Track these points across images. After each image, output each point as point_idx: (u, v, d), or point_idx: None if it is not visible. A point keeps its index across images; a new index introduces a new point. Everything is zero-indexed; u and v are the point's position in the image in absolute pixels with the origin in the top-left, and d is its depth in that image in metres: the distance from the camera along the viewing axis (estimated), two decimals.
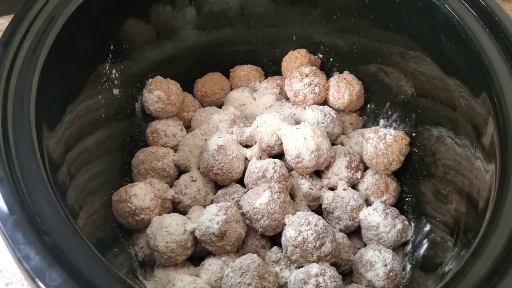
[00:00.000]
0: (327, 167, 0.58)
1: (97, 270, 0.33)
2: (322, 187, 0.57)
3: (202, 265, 0.51)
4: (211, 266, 0.50)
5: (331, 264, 0.49)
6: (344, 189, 0.57)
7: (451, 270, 0.39)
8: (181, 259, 0.50)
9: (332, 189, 0.58)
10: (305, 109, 0.62)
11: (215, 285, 0.49)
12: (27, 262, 0.32)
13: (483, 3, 0.48)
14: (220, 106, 0.66)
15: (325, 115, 0.59)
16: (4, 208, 0.34)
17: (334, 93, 0.62)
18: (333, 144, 0.59)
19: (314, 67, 0.63)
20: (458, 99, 0.48)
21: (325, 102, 0.64)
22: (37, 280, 0.31)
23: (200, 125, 0.62)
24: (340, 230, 0.55)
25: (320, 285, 0.45)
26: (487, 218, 0.38)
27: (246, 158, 0.57)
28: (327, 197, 0.56)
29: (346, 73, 0.64)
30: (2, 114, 0.39)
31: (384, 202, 0.56)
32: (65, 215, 0.35)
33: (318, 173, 0.59)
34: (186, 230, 0.50)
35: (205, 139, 0.59)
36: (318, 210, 0.57)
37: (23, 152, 0.38)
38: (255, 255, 0.48)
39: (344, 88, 0.61)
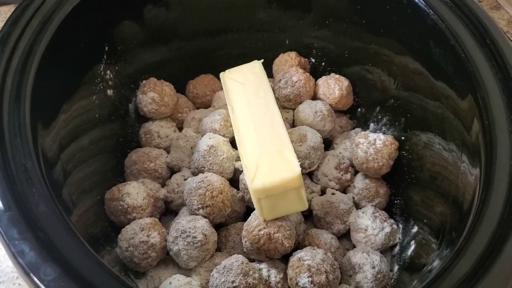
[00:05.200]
0: (317, 168, 0.59)
1: (91, 266, 0.34)
2: (313, 191, 0.58)
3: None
4: (202, 268, 0.50)
5: None
6: (333, 194, 0.58)
7: (436, 268, 0.40)
8: None
9: (322, 192, 0.59)
10: (293, 109, 0.63)
11: (206, 287, 0.49)
12: (21, 258, 0.33)
13: (471, 11, 0.50)
14: None
15: (315, 113, 0.60)
16: None
17: (325, 90, 0.63)
18: (325, 139, 0.60)
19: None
20: (445, 104, 0.50)
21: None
22: (31, 275, 0.32)
23: (192, 126, 0.63)
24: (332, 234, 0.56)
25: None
26: (471, 219, 0.39)
27: (237, 158, 0.57)
28: (317, 202, 0.57)
29: (332, 74, 0.65)
30: None
31: (374, 206, 0.57)
32: (60, 212, 0.36)
33: (308, 174, 0.60)
34: None
35: (196, 140, 0.60)
36: (305, 214, 0.58)
37: (19, 150, 0.38)
38: (240, 255, 0.48)
39: (334, 84, 0.63)
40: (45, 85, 0.44)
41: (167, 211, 0.58)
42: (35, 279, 0.32)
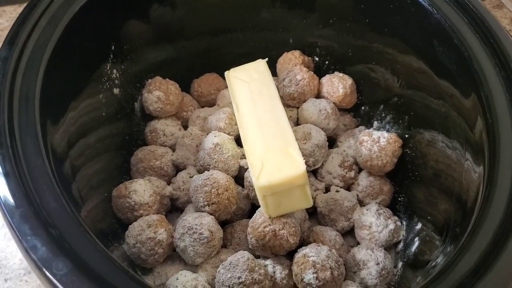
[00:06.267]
0: (321, 166, 0.59)
1: (102, 261, 0.34)
2: (317, 189, 0.59)
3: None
4: (208, 265, 0.51)
5: None
6: (337, 191, 0.58)
7: (439, 264, 0.40)
8: None
9: (327, 189, 0.60)
10: (297, 108, 0.64)
11: (212, 283, 0.50)
12: (34, 253, 0.33)
13: (474, 9, 0.50)
14: None
15: (320, 111, 0.61)
16: (11, 201, 0.35)
17: (329, 89, 0.64)
18: (329, 137, 0.61)
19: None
20: (449, 102, 0.50)
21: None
22: (44, 269, 0.32)
23: (197, 125, 0.64)
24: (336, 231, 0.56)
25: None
26: (475, 216, 0.39)
27: (242, 156, 0.58)
28: (322, 199, 0.57)
29: (336, 72, 0.65)
30: (9, 111, 0.40)
31: (378, 203, 0.58)
32: (70, 208, 0.37)
33: (313, 172, 0.60)
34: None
35: (202, 138, 0.60)
36: (310, 211, 0.58)
37: (29, 147, 0.39)
38: (245, 251, 0.49)
39: (337, 82, 0.63)
40: (54, 84, 0.45)
41: (172, 209, 0.59)
42: (48, 273, 0.32)
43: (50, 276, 0.32)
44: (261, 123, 0.54)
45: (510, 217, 0.37)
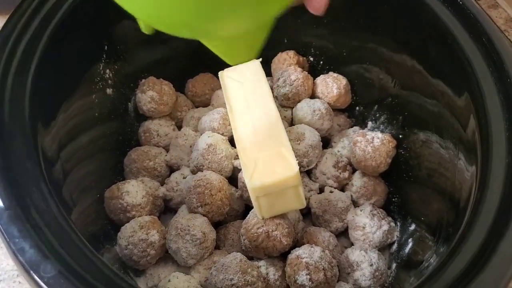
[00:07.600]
0: (315, 166, 0.59)
1: (91, 264, 0.34)
2: (311, 190, 0.59)
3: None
4: (201, 266, 0.51)
5: None
6: (331, 192, 0.58)
7: (432, 265, 0.40)
8: None
9: (321, 190, 0.59)
10: (291, 108, 0.64)
11: (205, 285, 0.50)
12: (21, 255, 0.33)
13: (467, 9, 0.50)
14: None
15: (314, 111, 0.60)
16: None
17: (323, 89, 0.63)
18: (323, 137, 0.60)
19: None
20: (442, 102, 0.50)
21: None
22: (31, 272, 0.32)
23: (191, 125, 0.63)
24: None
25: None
26: (467, 216, 0.39)
27: (236, 156, 0.58)
28: (315, 200, 0.57)
29: (331, 73, 0.65)
30: None
31: (372, 204, 0.57)
32: (60, 210, 0.36)
33: (307, 173, 0.60)
34: None
35: (195, 138, 0.60)
36: (304, 212, 0.58)
37: (19, 148, 0.39)
38: (238, 253, 0.48)
39: (332, 83, 0.63)
40: (45, 85, 0.45)
41: (166, 209, 0.59)
42: (35, 276, 0.32)
43: (38, 279, 0.32)
44: (255, 124, 0.53)
45: (502, 217, 0.37)
